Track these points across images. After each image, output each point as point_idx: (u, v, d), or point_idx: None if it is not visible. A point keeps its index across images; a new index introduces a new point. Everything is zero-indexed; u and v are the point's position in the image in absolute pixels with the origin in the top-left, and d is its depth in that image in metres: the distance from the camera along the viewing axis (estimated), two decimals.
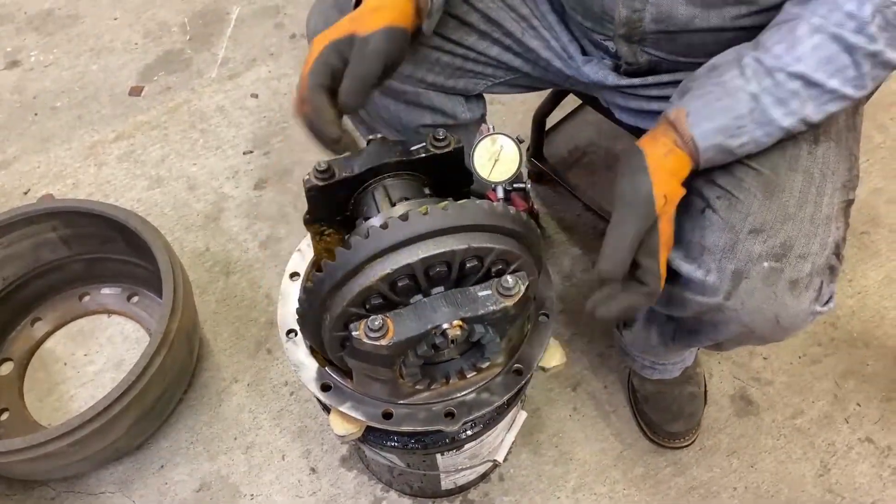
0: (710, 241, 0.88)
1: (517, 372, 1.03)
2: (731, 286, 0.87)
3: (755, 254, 0.86)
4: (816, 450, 1.40)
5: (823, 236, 0.87)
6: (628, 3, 0.93)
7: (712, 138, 0.84)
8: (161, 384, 1.30)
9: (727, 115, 0.83)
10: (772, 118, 0.82)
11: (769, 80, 0.82)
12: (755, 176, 0.89)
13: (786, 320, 0.88)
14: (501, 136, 0.95)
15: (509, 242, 0.91)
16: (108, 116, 1.92)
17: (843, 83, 0.81)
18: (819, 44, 0.79)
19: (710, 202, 0.90)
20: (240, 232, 1.70)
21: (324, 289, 0.88)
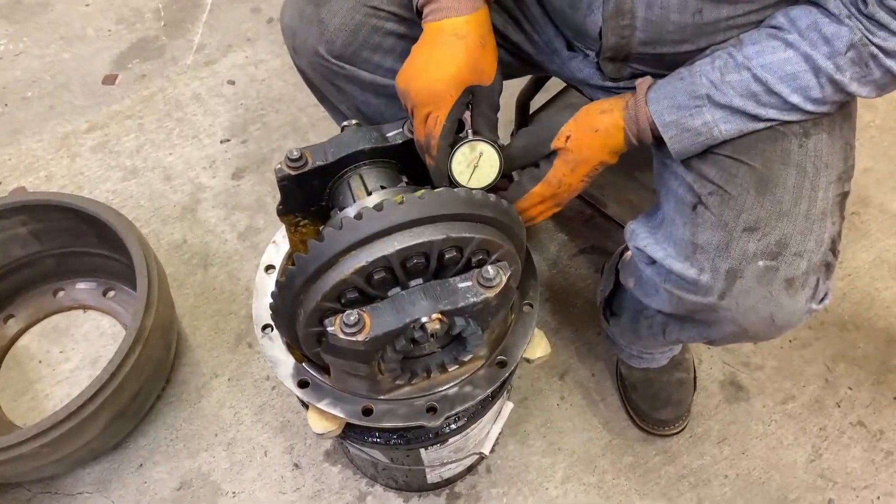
0: (703, 238, 0.86)
1: (501, 364, 1.00)
2: (726, 286, 0.84)
3: (750, 252, 0.83)
4: (808, 435, 1.38)
5: (819, 233, 0.84)
6: (617, 31, 0.92)
7: (668, 114, 0.86)
8: (137, 382, 1.27)
9: (685, 94, 0.85)
10: (730, 103, 0.84)
11: (735, 74, 0.83)
12: (747, 171, 0.86)
13: (781, 319, 0.85)
14: (481, 141, 0.91)
15: (490, 231, 0.88)
16: (81, 106, 1.87)
17: (804, 101, 0.83)
18: (789, 58, 0.81)
19: (701, 198, 0.88)
20: (218, 223, 1.66)
21: (296, 283, 0.85)
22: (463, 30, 0.87)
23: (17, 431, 1.18)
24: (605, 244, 1.61)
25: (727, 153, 0.89)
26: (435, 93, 0.87)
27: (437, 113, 0.88)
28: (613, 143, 0.91)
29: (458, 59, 0.86)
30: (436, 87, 0.87)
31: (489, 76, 0.90)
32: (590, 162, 0.91)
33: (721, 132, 0.86)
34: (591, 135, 0.90)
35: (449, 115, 0.88)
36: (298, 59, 1.09)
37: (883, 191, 1.67)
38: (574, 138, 0.91)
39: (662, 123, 0.87)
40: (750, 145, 0.88)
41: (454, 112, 0.88)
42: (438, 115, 0.88)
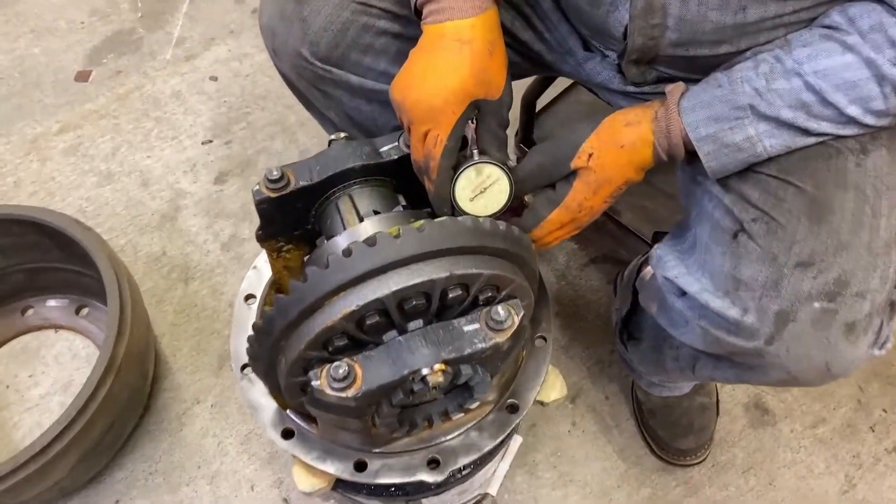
0: (748, 274, 0.74)
1: (511, 409, 0.89)
2: (775, 330, 0.73)
3: (804, 292, 0.72)
4: (840, 462, 1.28)
5: (884, 268, 0.73)
6: (645, 31, 0.79)
7: (705, 127, 0.76)
8: (109, 415, 1.16)
9: (724, 104, 0.75)
10: (777, 115, 0.74)
11: (783, 82, 0.73)
12: (797, 194, 0.75)
13: (837, 368, 0.74)
14: (489, 164, 0.80)
15: (499, 265, 0.76)
16: (52, 105, 1.74)
17: (864, 113, 0.72)
18: (848, 63, 0.71)
19: (743, 225, 0.76)
20: (199, 232, 1.54)
21: (275, 329, 0.74)
22: (468, 34, 0.77)
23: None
24: (617, 253, 1.49)
25: (772, 172, 0.77)
26: (435, 107, 0.76)
27: (437, 131, 0.77)
28: (640, 160, 0.81)
29: (462, 69, 0.76)
30: (436, 101, 0.76)
31: (497, 88, 0.79)
32: (614, 182, 0.82)
33: (766, 148, 0.75)
34: (615, 151, 0.80)
35: (451, 133, 0.78)
36: (280, 62, 0.98)
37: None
38: (597, 156, 0.80)
39: (698, 138, 0.77)
40: (798, 164, 0.76)
41: (457, 130, 0.78)
42: (439, 134, 0.78)
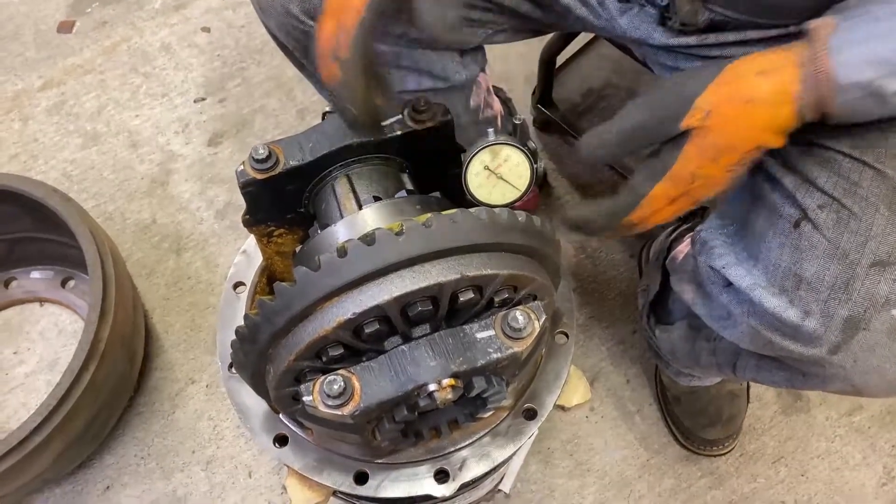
0: (811, 271, 0.64)
1: (529, 414, 0.80)
2: (842, 338, 0.63)
3: (880, 296, 0.62)
4: (878, 453, 1.21)
5: None
6: None
7: (860, 71, 0.59)
8: (93, 404, 1.09)
9: (887, 42, 0.59)
10: None
11: None
12: (875, 178, 0.63)
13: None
14: (507, 145, 0.68)
15: (518, 263, 0.66)
16: (33, 60, 1.63)
17: None
18: None
19: (808, 213, 0.65)
20: (192, 199, 1.44)
21: (261, 337, 0.64)
22: None
23: None
24: None
25: (845, 150, 0.66)
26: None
27: None
28: (779, 119, 0.63)
29: None
30: None
31: None
32: (740, 147, 0.64)
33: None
34: (742, 107, 0.63)
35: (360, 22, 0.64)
36: (266, 18, 0.87)
37: None
38: (716, 114, 0.63)
39: (845, 84, 0.60)
40: (879, 141, 0.65)
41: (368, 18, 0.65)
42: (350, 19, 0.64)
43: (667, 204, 0.67)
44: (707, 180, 0.65)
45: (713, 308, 0.81)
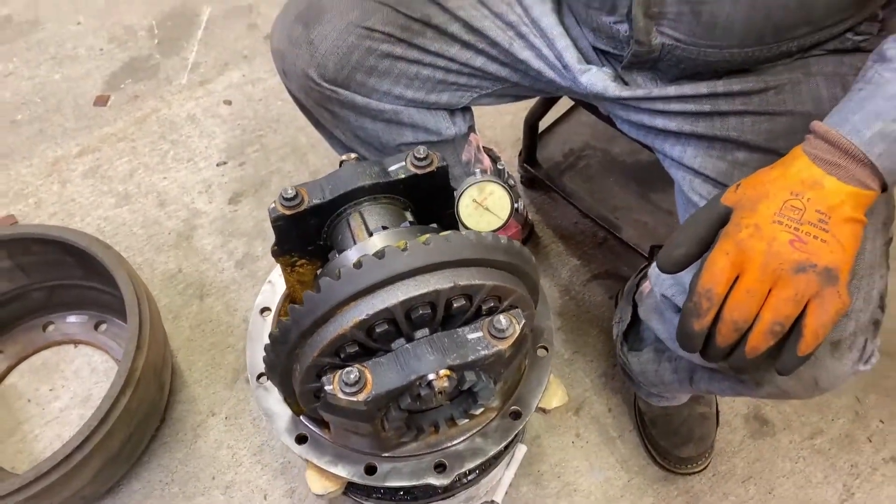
0: None
1: (514, 415, 0.92)
2: None
3: None
4: (838, 472, 1.31)
5: (867, 289, 0.77)
6: None
7: (867, 127, 0.67)
8: (128, 426, 1.20)
9: (876, 99, 0.68)
10: None
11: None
12: None
13: (825, 382, 0.78)
14: (490, 182, 0.84)
15: (501, 276, 0.81)
16: (72, 129, 1.80)
17: None
18: None
19: None
20: (214, 251, 1.59)
21: (291, 338, 0.78)
22: None
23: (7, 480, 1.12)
24: (619, 269, 1.53)
25: None
26: None
27: None
28: (796, 169, 0.69)
29: None
30: None
31: None
32: (773, 197, 0.69)
33: None
34: (765, 171, 0.72)
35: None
36: (289, 83, 1.03)
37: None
38: (744, 184, 0.72)
39: (864, 141, 0.67)
40: None
41: None
42: None
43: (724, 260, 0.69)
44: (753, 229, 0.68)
45: (670, 330, 0.94)
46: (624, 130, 1.04)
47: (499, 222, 0.86)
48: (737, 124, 0.88)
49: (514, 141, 1.70)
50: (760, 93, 0.88)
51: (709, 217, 0.72)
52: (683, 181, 0.93)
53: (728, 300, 0.67)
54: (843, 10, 0.83)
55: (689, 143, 0.92)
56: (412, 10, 0.95)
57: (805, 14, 0.81)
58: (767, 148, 0.85)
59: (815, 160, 0.69)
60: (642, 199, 1.48)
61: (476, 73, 1.01)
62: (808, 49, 0.88)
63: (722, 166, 0.88)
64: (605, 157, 1.55)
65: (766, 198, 0.69)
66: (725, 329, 0.67)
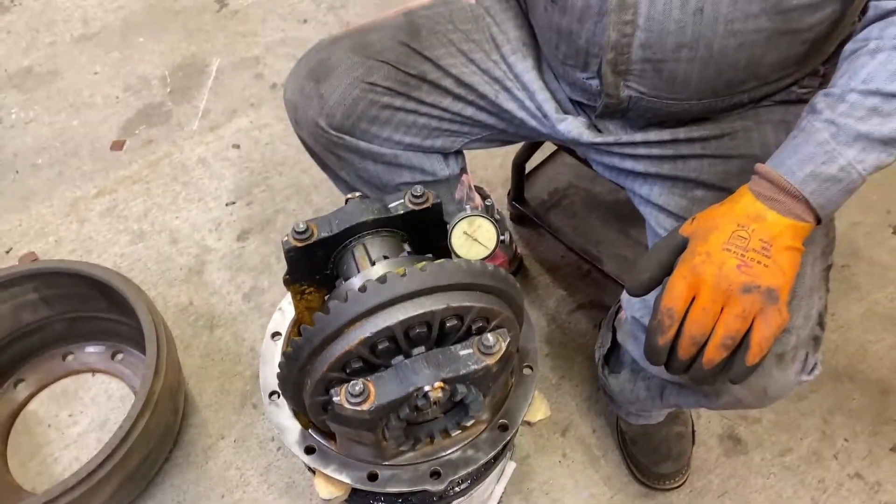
0: None
1: (503, 427, 1.02)
2: None
3: None
4: (807, 487, 1.40)
5: (807, 309, 0.88)
6: (619, 28, 0.90)
7: (801, 169, 0.77)
8: (145, 446, 1.29)
9: (808, 145, 0.77)
10: (860, 131, 0.76)
11: (843, 104, 0.77)
12: None
13: (773, 391, 0.88)
14: (479, 217, 0.95)
15: (489, 299, 0.91)
16: (90, 172, 1.92)
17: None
18: (885, 60, 0.76)
19: None
20: (223, 284, 1.70)
21: (303, 355, 0.88)
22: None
23: (28, 499, 1.20)
24: (602, 299, 1.64)
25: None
26: None
27: None
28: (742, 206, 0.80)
29: None
30: None
31: None
32: (723, 228, 0.79)
33: (860, 173, 0.77)
34: (716, 207, 0.82)
35: None
36: (300, 130, 1.14)
37: (872, 244, 1.71)
38: (699, 216, 0.82)
39: (798, 181, 0.77)
40: None
41: None
42: None
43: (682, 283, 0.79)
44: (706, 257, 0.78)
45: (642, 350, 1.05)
46: (599, 171, 1.16)
47: (486, 252, 0.97)
48: (696, 166, 1.00)
49: (504, 181, 1.82)
50: (717, 138, 1.00)
51: (668, 246, 0.83)
52: (650, 216, 1.05)
53: (686, 318, 0.77)
54: (787, 67, 0.95)
55: (655, 182, 1.04)
56: (410, 67, 1.08)
57: (753, 71, 0.93)
58: (722, 186, 0.97)
59: (758, 196, 0.79)
60: (622, 234, 1.60)
61: (467, 122, 1.13)
62: (759, 100, 1.01)
63: (683, 203, 1.00)
64: (588, 196, 1.67)
65: (716, 229, 0.79)
66: (685, 343, 0.78)
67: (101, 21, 2.28)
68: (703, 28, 0.86)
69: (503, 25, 1.09)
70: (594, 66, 0.98)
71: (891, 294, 1.63)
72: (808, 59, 0.96)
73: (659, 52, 0.91)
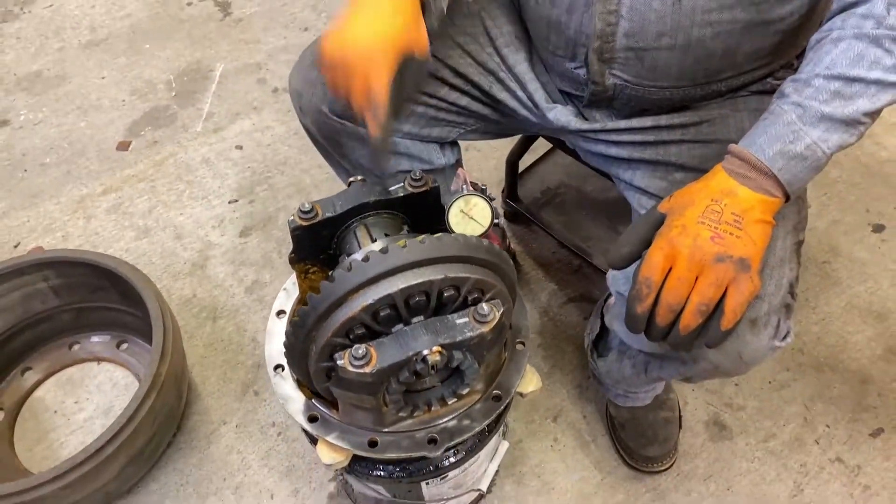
0: None
1: (496, 398, 1.07)
2: None
3: None
4: (789, 471, 1.45)
5: (778, 278, 0.93)
6: (604, 17, 0.96)
7: (770, 147, 0.82)
8: (151, 428, 1.33)
9: (776, 125, 0.83)
10: (824, 113, 0.81)
11: (809, 89, 0.82)
12: None
13: (747, 356, 0.93)
14: (474, 196, 1.01)
15: (484, 272, 0.97)
16: (96, 171, 1.97)
17: (885, 72, 0.81)
18: (846, 47, 0.81)
19: None
20: (226, 278, 1.75)
21: (309, 321, 0.94)
22: None
23: (37, 474, 1.24)
24: (592, 293, 1.70)
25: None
26: (375, 58, 0.87)
27: (378, 79, 0.87)
28: (716, 182, 0.85)
29: (396, 23, 0.88)
30: (375, 51, 0.87)
31: (424, 47, 0.92)
32: (698, 203, 0.84)
33: (825, 151, 0.82)
34: (692, 184, 0.88)
35: (392, 79, 0.88)
36: (304, 117, 1.20)
37: (851, 241, 1.78)
38: (676, 194, 0.88)
39: (767, 158, 0.82)
40: None
41: (394, 77, 0.88)
42: (380, 80, 0.87)
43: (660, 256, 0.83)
44: (682, 229, 0.83)
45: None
46: (586, 161, 1.22)
47: (481, 229, 1.03)
48: (676, 151, 1.07)
49: (498, 181, 1.89)
50: (696, 125, 1.07)
51: (648, 221, 0.88)
52: (633, 199, 1.11)
53: (664, 287, 0.83)
54: (761, 57, 1.02)
55: (638, 167, 1.11)
56: None
57: (729, 60, 1.00)
58: (700, 168, 1.03)
59: (730, 174, 0.84)
60: (611, 230, 1.66)
61: (462, 112, 1.19)
62: (736, 90, 1.08)
63: (663, 185, 1.07)
64: (579, 194, 1.74)
65: (692, 204, 0.84)
66: (662, 311, 0.83)
67: (108, 28, 2.35)
68: (681, 18, 0.93)
69: (497, 20, 1.16)
70: (581, 56, 1.04)
71: (870, 288, 1.70)
72: (781, 51, 1.03)
73: (641, 41, 0.97)
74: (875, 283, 1.71)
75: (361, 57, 0.87)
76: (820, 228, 1.80)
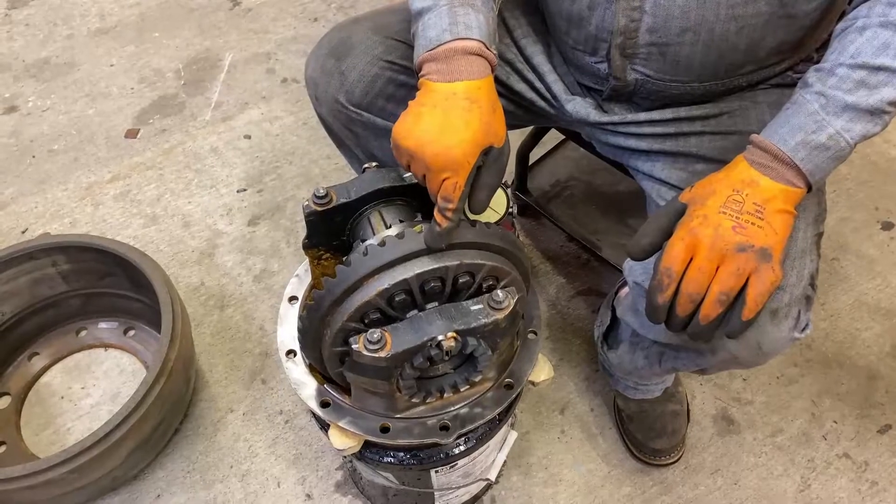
0: None
1: (508, 386, 1.07)
2: None
3: None
4: (797, 466, 1.45)
5: (800, 269, 0.93)
6: (627, 13, 0.95)
7: (792, 137, 0.82)
8: (159, 413, 1.33)
9: (799, 115, 0.83)
10: (847, 102, 0.81)
11: (832, 78, 0.82)
12: None
13: (767, 346, 0.93)
14: None
15: (499, 260, 0.97)
16: (105, 158, 1.97)
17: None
18: (871, 36, 0.81)
19: None
20: (234, 267, 1.75)
21: (324, 305, 0.93)
22: (476, 94, 0.88)
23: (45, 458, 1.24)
24: (600, 286, 1.70)
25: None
26: (455, 159, 0.85)
27: (455, 178, 0.86)
28: (737, 172, 0.85)
29: (474, 124, 0.86)
30: (454, 153, 0.85)
31: (501, 138, 0.91)
32: (719, 193, 0.84)
33: (848, 141, 0.82)
34: (714, 175, 0.87)
35: (467, 180, 0.88)
36: (320, 107, 1.20)
37: (860, 238, 1.78)
38: (698, 184, 0.87)
39: (790, 148, 0.82)
40: None
41: (471, 176, 0.88)
42: (457, 181, 0.86)
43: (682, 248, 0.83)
44: (703, 219, 0.83)
45: (642, 318, 1.09)
46: (602, 152, 1.22)
47: (497, 216, 1.03)
48: (696, 142, 1.07)
49: (508, 176, 1.89)
50: (716, 117, 1.07)
51: (668, 212, 0.87)
52: (652, 190, 1.11)
53: (684, 277, 0.83)
54: (784, 52, 1.02)
55: (658, 158, 1.10)
56: None
57: (752, 55, 1.00)
58: (721, 160, 1.02)
59: (752, 164, 0.84)
60: (620, 223, 1.66)
61: None
62: (756, 84, 1.07)
63: (683, 176, 1.06)
64: (588, 188, 1.74)
65: (713, 194, 0.83)
66: (683, 301, 0.83)
67: (117, 16, 2.35)
68: (705, 12, 0.93)
69: (515, 12, 1.16)
70: (603, 51, 1.04)
71: (878, 285, 1.70)
72: (803, 45, 1.02)
73: (664, 36, 0.97)
74: (883, 281, 1.71)
75: (442, 162, 0.85)
76: (828, 225, 1.79)
